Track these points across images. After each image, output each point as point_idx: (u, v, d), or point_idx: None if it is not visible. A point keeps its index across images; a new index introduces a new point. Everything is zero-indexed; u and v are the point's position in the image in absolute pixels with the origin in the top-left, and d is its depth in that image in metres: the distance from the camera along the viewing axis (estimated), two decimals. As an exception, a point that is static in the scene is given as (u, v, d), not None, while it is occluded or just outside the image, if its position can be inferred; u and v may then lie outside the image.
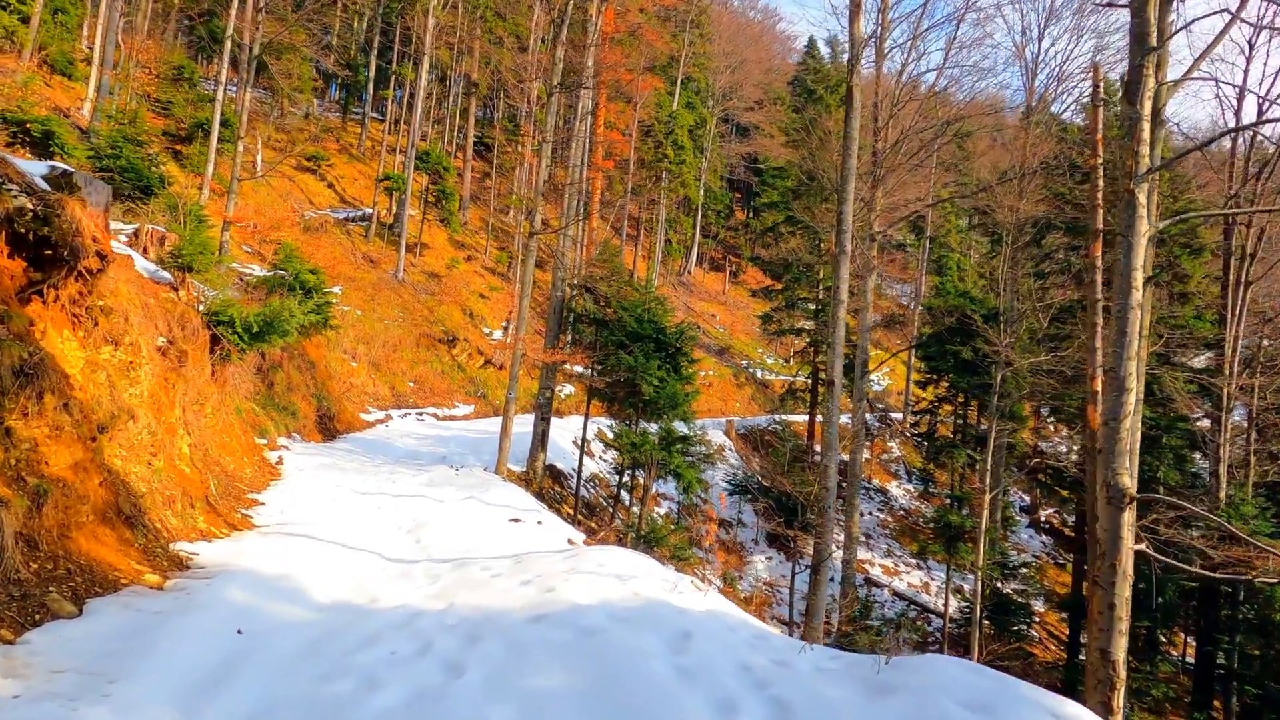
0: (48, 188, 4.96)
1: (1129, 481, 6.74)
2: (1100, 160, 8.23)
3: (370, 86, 41.92)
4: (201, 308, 10.06)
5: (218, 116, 21.51)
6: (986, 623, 22.24)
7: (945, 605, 23.86)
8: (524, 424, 18.20)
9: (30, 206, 4.85)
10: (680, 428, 17.52)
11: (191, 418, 8.94)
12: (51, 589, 4.54)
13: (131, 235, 10.62)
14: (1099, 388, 8.17)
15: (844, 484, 33.48)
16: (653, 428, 17.12)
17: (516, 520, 9.23)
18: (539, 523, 9.28)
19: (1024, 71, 25.02)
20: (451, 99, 47.11)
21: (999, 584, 24.26)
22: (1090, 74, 29.32)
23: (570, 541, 8.98)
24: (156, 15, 38.57)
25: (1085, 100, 27.24)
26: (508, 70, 36.45)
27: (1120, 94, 7.96)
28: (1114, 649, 6.78)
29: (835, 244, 12.36)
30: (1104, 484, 6.75)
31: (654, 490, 21.49)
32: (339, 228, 32.40)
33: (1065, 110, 31.09)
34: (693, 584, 5.55)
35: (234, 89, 26.84)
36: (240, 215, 22.82)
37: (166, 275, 10.02)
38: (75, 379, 5.29)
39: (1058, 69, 38.93)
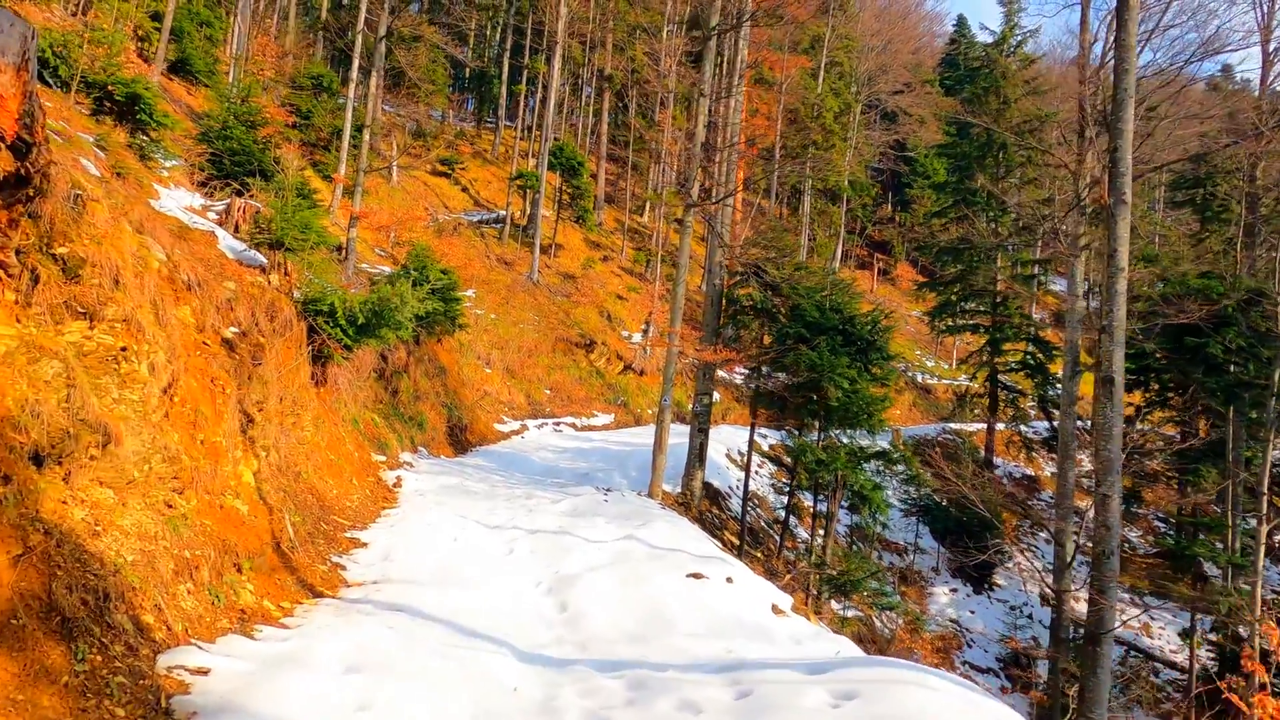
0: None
1: None
2: None
3: (503, 89, 41.13)
4: (296, 294, 8.07)
5: (349, 116, 20.66)
6: (1240, 680, 17.83)
7: (1191, 659, 19.41)
8: (672, 435, 15.68)
9: None
10: (863, 439, 14.46)
11: (277, 432, 6.88)
12: None
13: (222, 212, 8.89)
14: None
15: (1032, 503, 29.07)
16: (812, 436, 14.13)
17: (697, 575, 6.58)
18: (728, 580, 6.58)
19: (1256, 5, 20.18)
20: (583, 100, 45.80)
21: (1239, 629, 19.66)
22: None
23: (776, 609, 6.25)
24: (308, 43, 39.20)
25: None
26: (642, 52, 34.42)
27: None
28: None
29: (1108, 192, 9.05)
30: None
31: (820, 512, 18.39)
32: (473, 230, 31.28)
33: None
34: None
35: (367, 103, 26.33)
36: (370, 214, 21.69)
37: (257, 256, 8.12)
38: (-28, 372, 3.13)
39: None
